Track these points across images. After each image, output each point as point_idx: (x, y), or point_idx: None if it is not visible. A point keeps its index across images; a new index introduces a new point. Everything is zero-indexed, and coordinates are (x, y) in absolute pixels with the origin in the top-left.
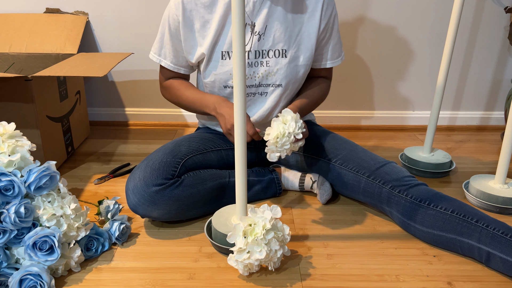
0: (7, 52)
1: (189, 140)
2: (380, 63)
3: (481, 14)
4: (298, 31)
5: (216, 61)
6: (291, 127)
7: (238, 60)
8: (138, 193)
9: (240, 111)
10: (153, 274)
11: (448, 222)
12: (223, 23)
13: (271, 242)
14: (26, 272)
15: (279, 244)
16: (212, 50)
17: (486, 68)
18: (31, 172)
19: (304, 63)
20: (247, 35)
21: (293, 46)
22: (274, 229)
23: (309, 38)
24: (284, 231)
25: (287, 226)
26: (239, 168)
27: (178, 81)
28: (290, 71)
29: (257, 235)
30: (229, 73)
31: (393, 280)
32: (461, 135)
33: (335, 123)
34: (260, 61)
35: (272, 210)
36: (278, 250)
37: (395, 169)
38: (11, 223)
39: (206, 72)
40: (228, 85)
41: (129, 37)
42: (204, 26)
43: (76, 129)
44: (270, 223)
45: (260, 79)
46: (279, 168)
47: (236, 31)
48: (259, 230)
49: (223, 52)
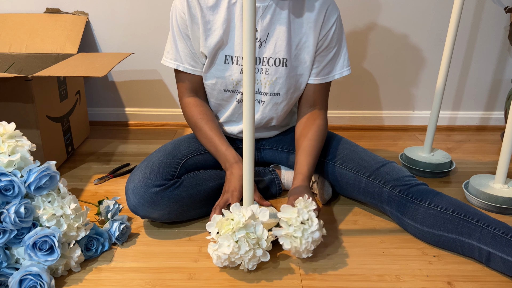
0: (7, 52)
1: (189, 140)
2: (380, 63)
3: (481, 14)
4: (299, 41)
5: (219, 65)
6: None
7: (248, 75)
8: (138, 194)
9: (249, 117)
10: (153, 274)
11: (448, 222)
12: (227, 26)
13: (241, 241)
14: (26, 272)
15: (252, 245)
16: (216, 53)
17: (486, 68)
18: (31, 172)
19: (302, 73)
20: None
21: (293, 56)
22: (247, 229)
23: (308, 49)
24: (262, 235)
25: (268, 233)
26: (247, 169)
27: (199, 110)
28: (289, 80)
29: (228, 230)
30: (231, 77)
31: (393, 280)
32: (461, 135)
33: (335, 123)
34: (260, 68)
35: (260, 212)
36: (248, 251)
37: (396, 169)
38: (11, 223)
39: (208, 74)
40: (228, 89)
41: (129, 37)
42: (206, 25)
43: (76, 129)
44: (244, 222)
45: (258, 87)
46: (279, 168)
47: (246, 55)
48: (231, 226)
49: (227, 56)
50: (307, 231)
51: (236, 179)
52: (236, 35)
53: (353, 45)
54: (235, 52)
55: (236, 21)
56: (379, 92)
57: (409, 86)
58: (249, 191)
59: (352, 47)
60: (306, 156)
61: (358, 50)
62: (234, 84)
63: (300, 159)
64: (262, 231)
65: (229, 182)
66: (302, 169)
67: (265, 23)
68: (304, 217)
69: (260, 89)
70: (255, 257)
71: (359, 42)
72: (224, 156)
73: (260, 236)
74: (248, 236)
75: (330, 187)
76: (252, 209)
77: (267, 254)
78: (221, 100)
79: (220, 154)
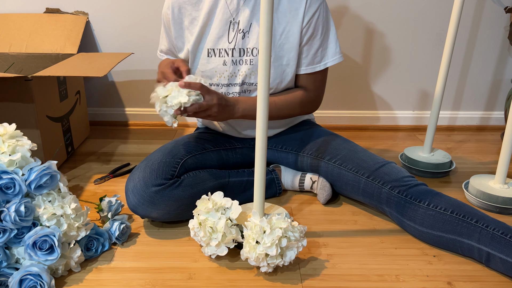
0: (7, 52)
1: (189, 140)
2: (380, 63)
3: (481, 14)
4: (282, 30)
5: (203, 59)
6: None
7: (264, 69)
8: (138, 194)
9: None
10: (153, 274)
11: (447, 223)
12: (207, 20)
13: (206, 229)
14: (26, 272)
15: (208, 236)
16: (197, 47)
17: (486, 68)
18: (32, 171)
19: (288, 63)
20: (232, 33)
21: (277, 45)
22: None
23: (293, 37)
24: (230, 231)
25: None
26: (259, 167)
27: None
28: (273, 70)
29: (206, 220)
30: (214, 70)
31: (393, 280)
32: (461, 135)
33: (335, 123)
34: (244, 59)
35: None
36: (211, 241)
37: (395, 169)
38: (11, 222)
39: (192, 69)
40: (213, 82)
41: (129, 37)
42: (192, 23)
43: (76, 129)
44: (222, 220)
45: (243, 77)
46: (279, 168)
47: (263, 38)
48: (211, 221)
49: (209, 49)
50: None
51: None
52: (218, 28)
53: (353, 45)
54: (217, 44)
55: (217, 14)
56: (379, 92)
57: (409, 86)
58: (260, 194)
59: (352, 47)
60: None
61: (358, 50)
62: (218, 76)
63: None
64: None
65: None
66: (252, 98)
67: (247, 13)
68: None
69: (245, 79)
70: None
71: (359, 42)
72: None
73: (220, 229)
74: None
75: (330, 187)
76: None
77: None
78: None
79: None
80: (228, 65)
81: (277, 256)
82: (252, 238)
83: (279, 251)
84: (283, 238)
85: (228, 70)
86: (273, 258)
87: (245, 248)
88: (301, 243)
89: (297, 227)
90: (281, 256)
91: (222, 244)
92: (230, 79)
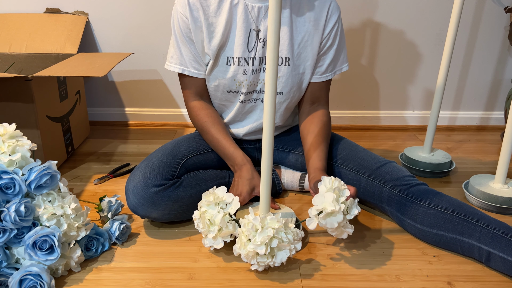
0: (7, 52)
1: (189, 140)
2: (380, 63)
3: (481, 14)
4: (301, 39)
5: (221, 66)
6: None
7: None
8: (138, 194)
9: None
10: (153, 274)
11: (448, 222)
12: (229, 29)
13: (205, 221)
14: (26, 272)
15: (206, 228)
16: (218, 54)
17: (486, 68)
18: (32, 171)
19: (304, 71)
20: (252, 41)
21: (295, 54)
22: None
23: (311, 47)
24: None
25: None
26: (265, 167)
27: (205, 113)
28: (292, 79)
29: (206, 212)
30: (233, 79)
31: (393, 280)
32: (461, 135)
33: (335, 123)
34: (263, 67)
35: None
36: (208, 233)
37: (396, 168)
38: (11, 221)
39: (210, 76)
40: (231, 90)
41: (129, 37)
42: (210, 28)
43: (76, 129)
44: (218, 218)
45: (262, 85)
46: (279, 168)
47: (269, 65)
48: (210, 214)
49: (228, 57)
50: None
51: (244, 183)
52: (237, 36)
53: (353, 45)
54: (236, 53)
55: (237, 22)
56: (379, 92)
57: (409, 86)
58: (266, 195)
59: (352, 47)
60: (317, 152)
61: (358, 50)
62: (237, 84)
63: (313, 156)
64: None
65: (236, 184)
66: (317, 164)
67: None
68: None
69: (263, 88)
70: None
71: (359, 42)
72: (232, 158)
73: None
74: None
75: None
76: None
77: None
78: (225, 101)
79: (228, 156)
80: (248, 74)
81: (267, 256)
82: (245, 235)
83: (269, 250)
84: (274, 238)
85: (248, 79)
86: (263, 257)
87: (237, 244)
88: (294, 246)
89: (293, 229)
90: (272, 256)
91: (219, 237)
92: (250, 87)
